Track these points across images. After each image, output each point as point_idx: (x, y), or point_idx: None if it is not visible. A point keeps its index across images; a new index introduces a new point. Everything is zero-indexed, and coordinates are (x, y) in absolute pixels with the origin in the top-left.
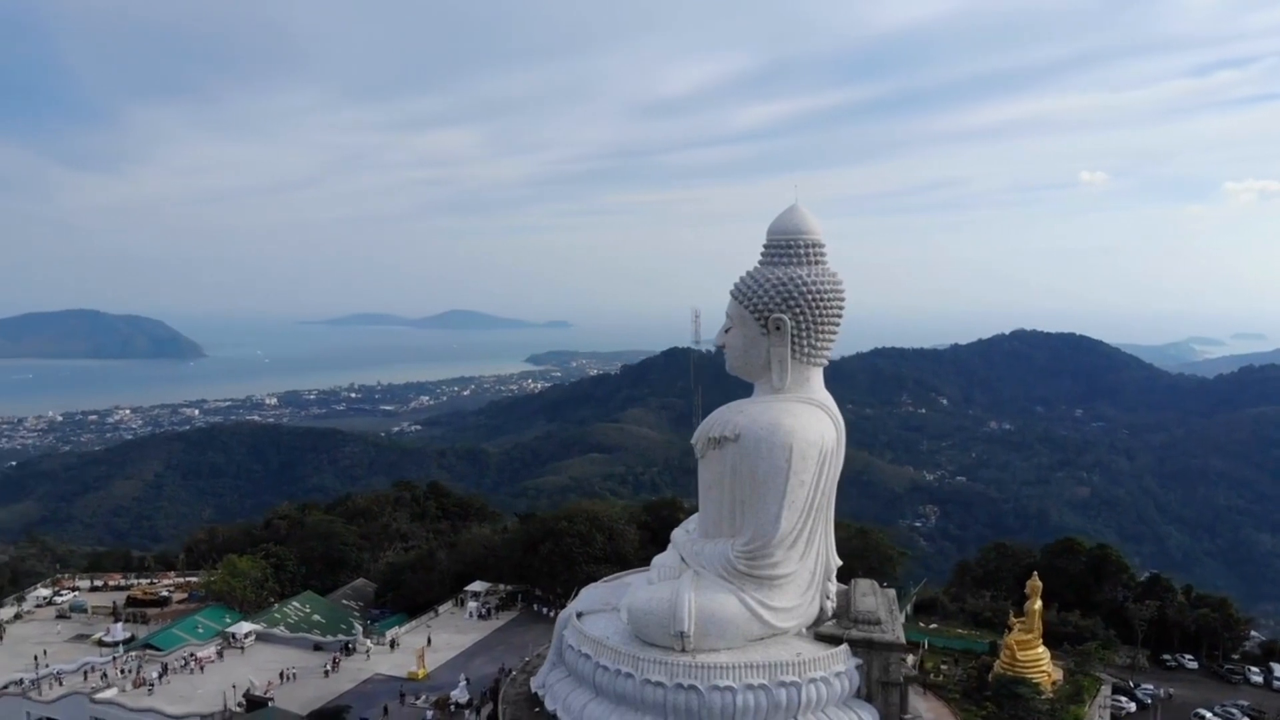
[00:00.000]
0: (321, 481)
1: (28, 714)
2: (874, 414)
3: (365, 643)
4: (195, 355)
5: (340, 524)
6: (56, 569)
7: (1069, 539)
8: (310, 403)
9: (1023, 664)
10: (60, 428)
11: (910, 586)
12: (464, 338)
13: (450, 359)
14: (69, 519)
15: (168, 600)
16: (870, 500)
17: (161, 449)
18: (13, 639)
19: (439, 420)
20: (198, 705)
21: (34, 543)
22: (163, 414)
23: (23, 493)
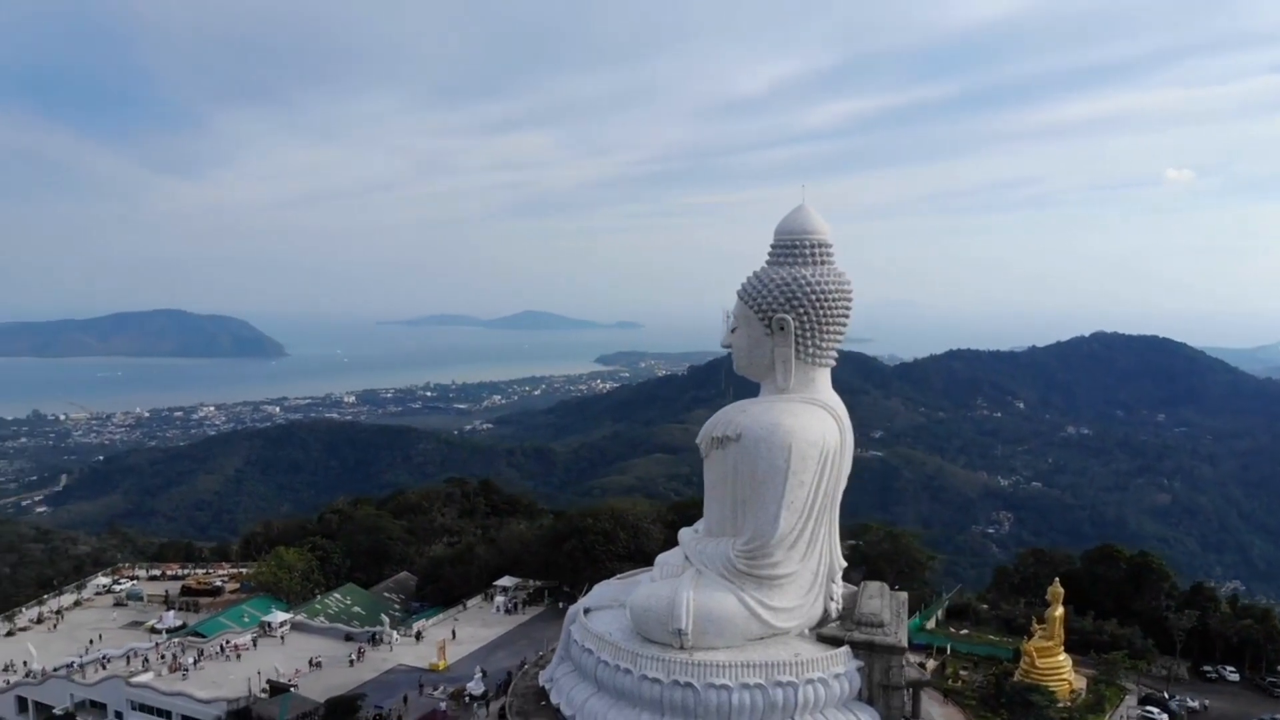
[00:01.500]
0: (395, 478)
1: (71, 695)
2: (947, 418)
3: (391, 634)
4: (278, 354)
5: (387, 519)
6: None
7: (1108, 545)
8: (387, 401)
9: (1042, 671)
10: (147, 424)
11: (944, 591)
12: (536, 338)
13: (522, 359)
14: (152, 512)
15: (220, 590)
16: (942, 506)
17: (242, 445)
18: (70, 624)
19: (509, 419)
20: (227, 690)
21: (115, 534)
22: (245, 411)
23: (109, 486)
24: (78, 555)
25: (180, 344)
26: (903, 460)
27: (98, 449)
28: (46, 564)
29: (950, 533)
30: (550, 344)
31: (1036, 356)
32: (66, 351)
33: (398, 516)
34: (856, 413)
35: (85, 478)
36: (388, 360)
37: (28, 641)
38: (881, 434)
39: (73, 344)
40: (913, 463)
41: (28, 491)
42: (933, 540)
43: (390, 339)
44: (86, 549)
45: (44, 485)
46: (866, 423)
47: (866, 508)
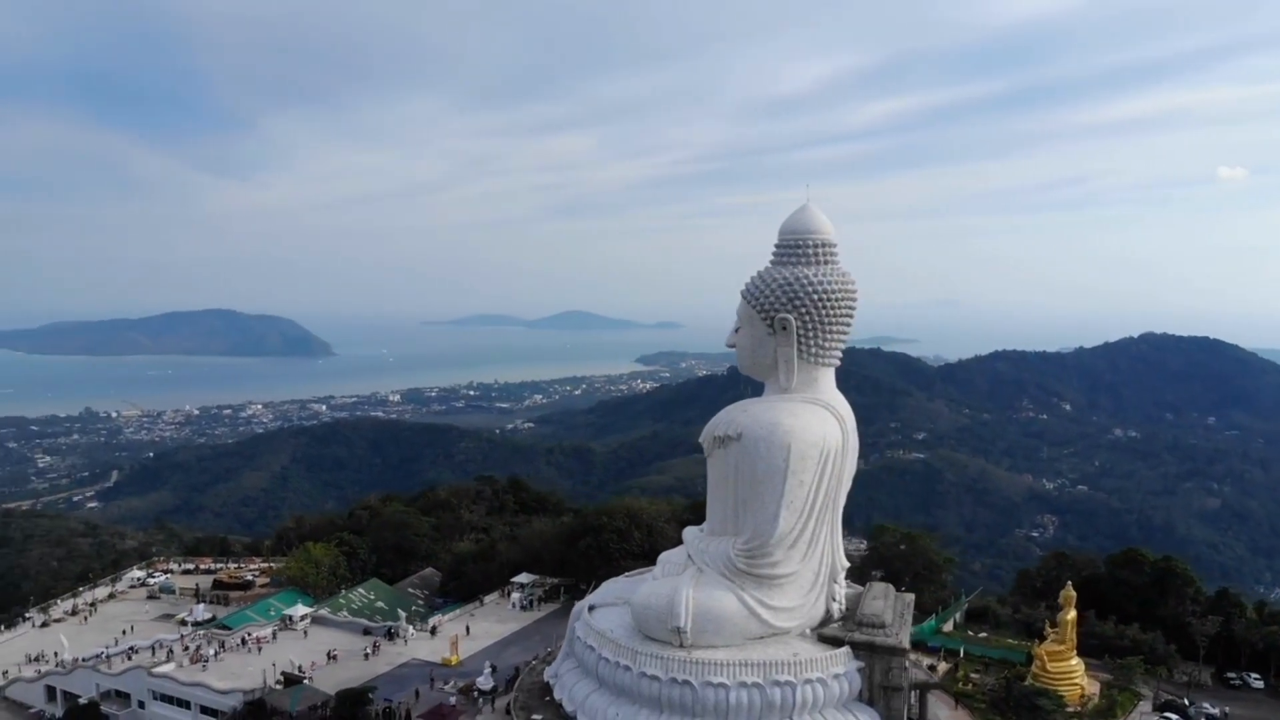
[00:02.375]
0: (437, 476)
1: (97, 685)
2: (992, 419)
3: (407, 629)
4: (325, 354)
5: (414, 515)
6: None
7: (1132, 550)
8: (431, 400)
9: (1053, 675)
10: (196, 421)
11: (965, 594)
12: (577, 338)
13: (563, 359)
14: (200, 508)
15: (251, 584)
16: (985, 509)
17: (289, 442)
18: (104, 616)
19: (550, 418)
20: (244, 682)
21: (162, 529)
22: (292, 409)
23: (159, 483)
24: (124, 550)
25: (230, 343)
26: (945, 463)
27: (148, 446)
28: (93, 558)
29: (993, 536)
30: (591, 344)
31: (1084, 358)
32: (119, 350)
33: (427, 513)
34: (899, 414)
35: (135, 474)
36: (432, 360)
37: (60, 633)
38: (924, 436)
39: (125, 343)
40: (956, 465)
41: (79, 487)
42: (975, 544)
43: (435, 339)
44: (133, 544)
45: (95, 481)
46: (909, 424)
47: (908, 510)
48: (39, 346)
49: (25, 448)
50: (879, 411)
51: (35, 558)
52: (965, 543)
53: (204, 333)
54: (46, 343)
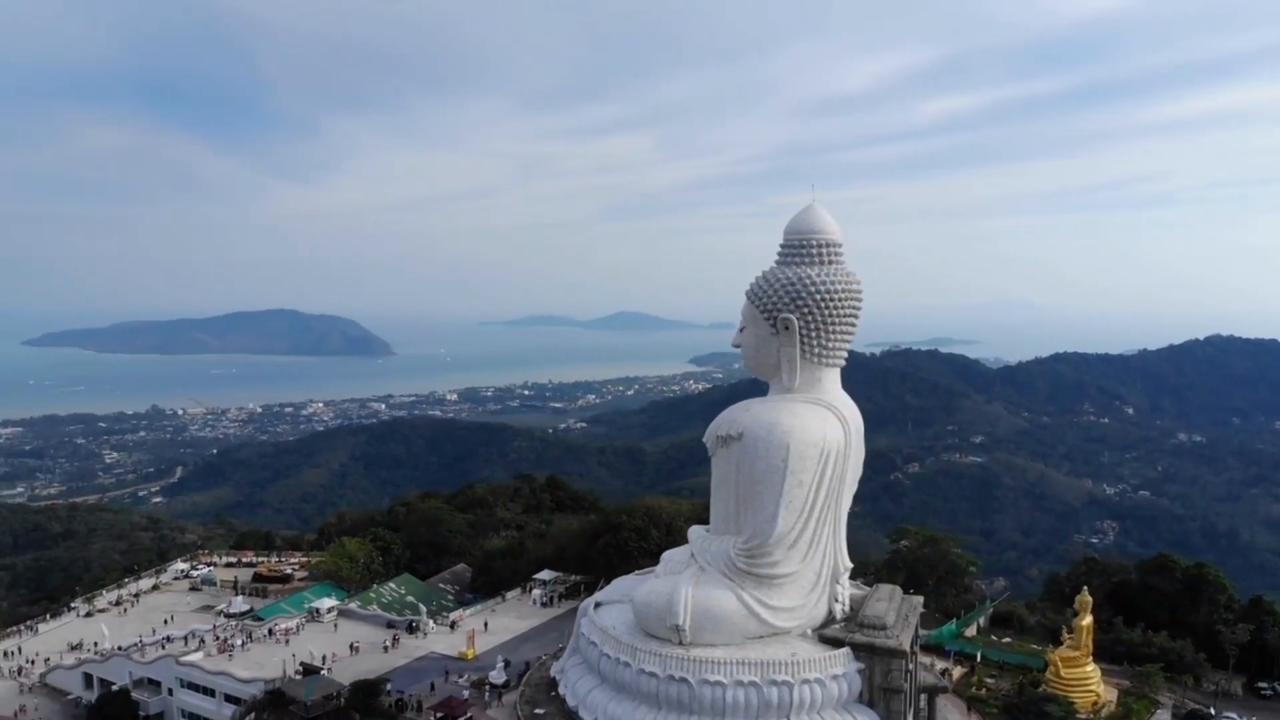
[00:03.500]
0: (491, 474)
1: (130, 673)
2: (1052, 423)
3: (427, 623)
4: (384, 353)
5: (447, 512)
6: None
7: (1163, 556)
8: (487, 399)
9: (1067, 681)
10: (259, 419)
11: (990, 598)
12: (631, 338)
13: (617, 359)
14: (261, 504)
15: (290, 578)
16: (1043, 514)
17: (348, 440)
18: (146, 607)
19: (602, 418)
20: (266, 671)
21: (221, 524)
22: (352, 408)
23: (221, 479)
24: (183, 544)
25: (293, 343)
26: (1003, 466)
27: (212, 443)
28: (153, 551)
29: (1051, 542)
30: (645, 344)
31: (1147, 360)
32: (185, 349)
33: (465, 510)
34: (956, 417)
35: (199, 470)
36: (488, 359)
37: (101, 622)
38: (982, 439)
39: (191, 342)
40: (1014, 469)
41: (145, 483)
42: (1033, 550)
43: (491, 339)
44: (193, 538)
45: (160, 477)
46: (967, 427)
47: (964, 515)
48: (108, 345)
49: (94, 444)
50: (936, 414)
51: (97, 550)
52: (1022, 548)
53: (267, 332)
54: (115, 342)
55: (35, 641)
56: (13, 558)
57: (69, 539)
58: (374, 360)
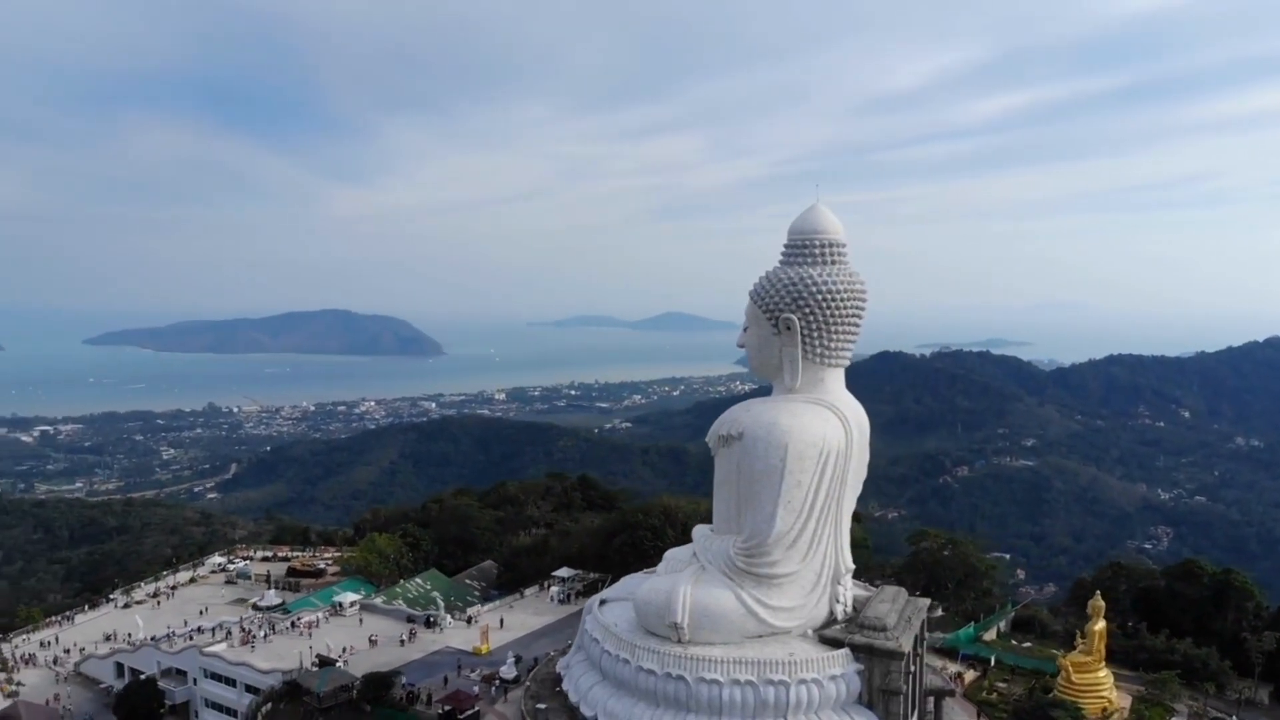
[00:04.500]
0: (536, 473)
1: (158, 663)
2: (1105, 426)
3: (445, 618)
4: (435, 353)
5: (476, 509)
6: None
7: (1191, 561)
8: (534, 399)
9: (1078, 687)
10: (312, 417)
11: (1010, 602)
12: (678, 339)
13: (663, 360)
14: (312, 500)
15: (323, 572)
16: (1095, 519)
17: (398, 438)
18: (182, 599)
19: (647, 419)
20: (286, 663)
21: (271, 520)
22: (403, 406)
23: (274, 475)
24: (233, 539)
25: (346, 342)
26: (1054, 470)
27: (266, 440)
28: (205, 546)
29: (1103, 547)
30: (692, 345)
31: (1205, 362)
32: (241, 348)
33: (496, 508)
34: (1007, 420)
35: (253, 467)
36: (536, 359)
37: (136, 614)
38: (1033, 442)
39: (247, 341)
40: (1065, 473)
41: (200, 479)
42: (1084, 555)
43: (540, 339)
44: (243, 533)
45: (215, 473)
46: (1018, 430)
47: (1013, 519)
48: (166, 344)
49: (151, 440)
50: (986, 417)
51: (150, 545)
52: (1073, 554)
53: (321, 332)
54: (173, 340)
55: (73, 632)
56: (68, 551)
57: (123, 533)
58: (425, 360)
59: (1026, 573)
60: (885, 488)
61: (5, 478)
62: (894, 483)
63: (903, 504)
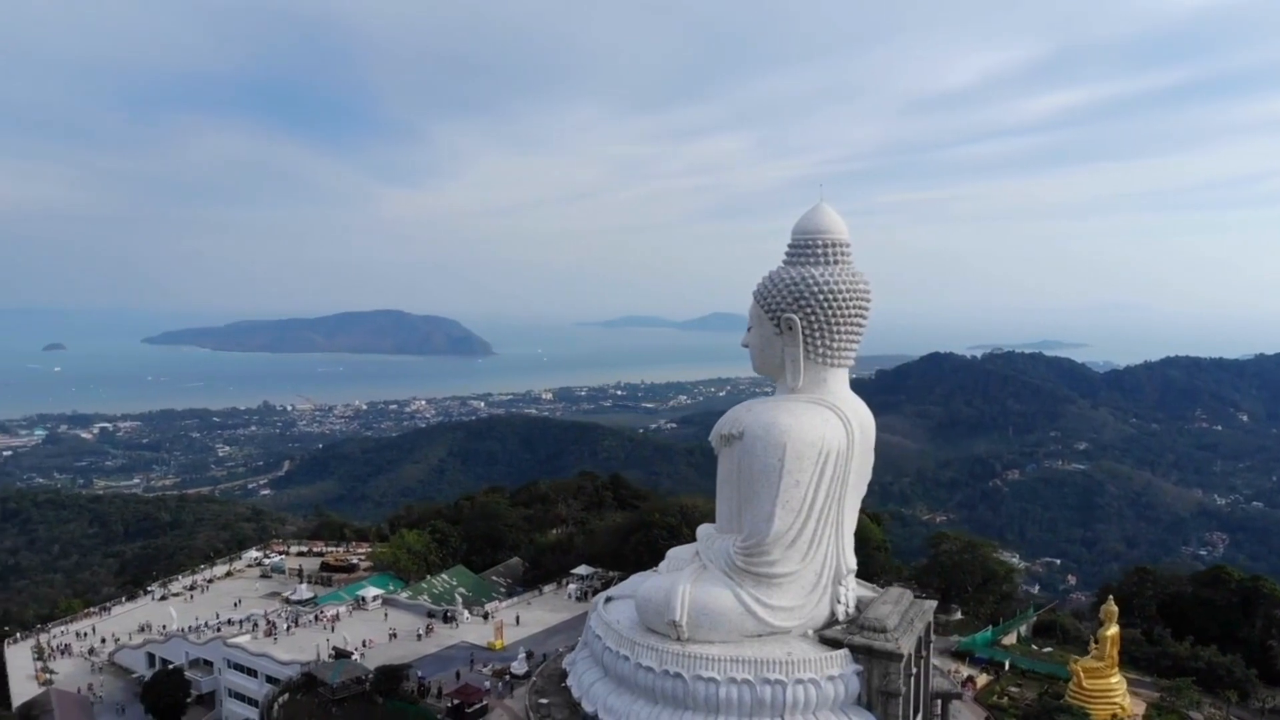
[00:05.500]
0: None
1: (186, 653)
2: (1161, 429)
3: (462, 613)
4: (485, 353)
5: (505, 506)
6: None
7: (1219, 568)
8: (581, 399)
9: (1089, 693)
10: (364, 415)
11: (1032, 607)
12: (725, 339)
13: (710, 360)
14: (362, 497)
15: (355, 567)
16: (1148, 524)
17: (446, 436)
18: (217, 592)
19: (693, 419)
20: (306, 654)
21: (320, 516)
22: (453, 405)
23: (326, 472)
24: (282, 534)
25: (398, 342)
26: (1108, 474)
27: (319, 438)
28: (246, 540)
29: (1157, 553)
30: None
31: (1265, 365)
32: (296, 348)
33: (527, 506)
34: (1059, 423)
35: (305, 464)
36: (584, 360)
37: (170, 606)
38: (1086, 446)
39: (301, 341)
40: (1119, 477)
41: (254, 476)
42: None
43: (587, 339)
44: (292, 529)
45: (269, 470)
46: (1070, 434)
47: (1064, 524)
48: (223, 344)
49: (207, 438)
50: (1038, 419)
51: (202, 540)
52: (1125, 559)
53: (374, 332)
54: (230, 340)
55: (110, 623)
56: (123, 545)
57: (176, 528)
58: (475, 359)
59: (1078, 578)
60: (934, 491)
61: (65, 473)
62: (943, 486)
63: (951, 508)
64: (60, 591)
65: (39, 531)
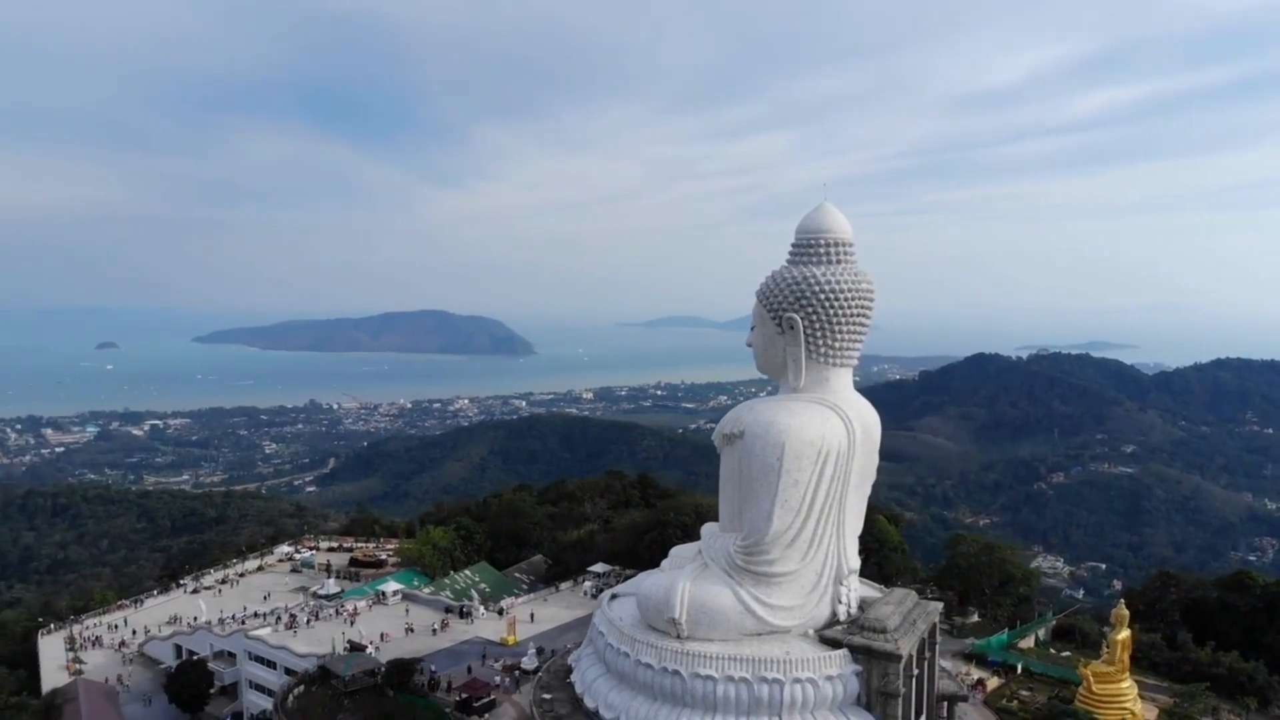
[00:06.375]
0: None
1: (210, 645)
2: (1211, 432)
3: (478, 609)
4: (527, 352)
5: (530, 504)
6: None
7: (1242, 573)
8: (621, 398)
9: (1099, 697)
10: (409, 414)
11: (1051, 611)
12: None
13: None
14: (405, 495)
15: (384, 563)
16: (1197, 529)
17: (488, 435)
18: (247, 586)
19: None
20: (324, 648)
21: (362, 513)
22: (495, 404)
23: (370, 470)
24: (324, 531)
25: (442, 342)
26: (1155, 478)
27: (364, 436)
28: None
29: (1205, 558)
30: None
31: None
32: (342, 347)
33: (554, 504)
34: (1106, 425)
35: (350, 462)
36: (624, 360)
37: (200, 599)
38: (1134, 449)
39: (347, 340)
40: (1167, 481)
41: (300, 473)
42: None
43: (628, 339)
44: (335, 525)
45: (314, 467)
46: (1117, 436)
47: (1110, 528)
48: (272, 343)
49: (255, 435)
50: (1084, 422)
51: (246, 536)
52: (1173, 565)
53: (418, 331)
54: (278, 339)
55: (141, 615)
56: (169, 540)
57: (221, 524)
58: (517, 359)
59: (1123, 583)
60: (977, 494)
61: (116, 470)
62: (986, 489)
63: (995, 511)
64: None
65: (88, 526)
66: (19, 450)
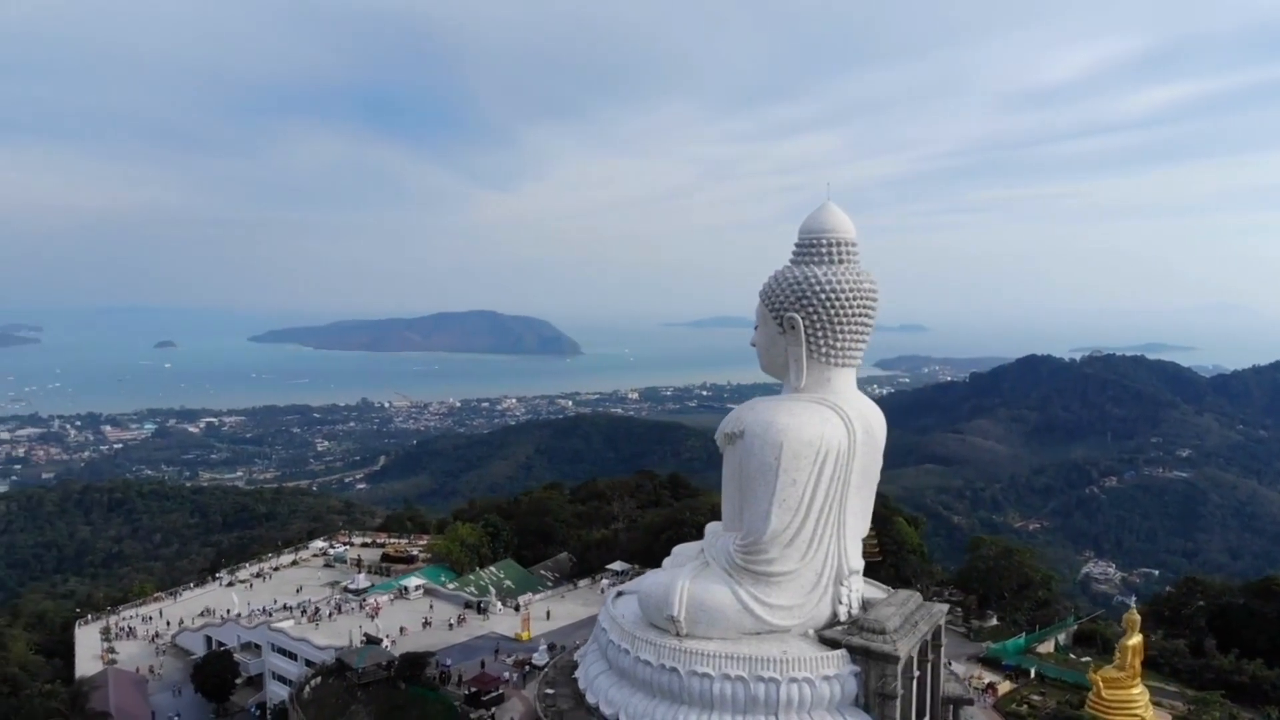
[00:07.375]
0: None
1: (238, 636)
2: (1269, 436)
3: (495, 605)
4: (574, 352)
5: (556, 503)
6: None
7: (1271, 578)
8: (666, 399)
9: (1109, 704)
10: (458, 413)
11: (1073, 616)
12: None
13: None
14: (453, 493)
15: (415, 558)
16: (1254, 535)
17: (534, 434)
18: (281, 580)
19: None
20: (344, 640)
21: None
22: (542, 404)
23: (419, 468)
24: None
25: (491, 342)
26: (1211, 483)
27: (413, 434)
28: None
29: (1261, 566)
30: None
31: None
32: (393, 347)
33: (584, 503)
34: (1161, 428)
35: (400, 459)
36: (670, 360)
37: (234, 592)
38: (1189, 453)
39: (399, 340)
40: (1223, 486)
41: (350, 470)
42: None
43: (675, 339)
44: (379, 521)
45: (365, 464)
46: (1172, 440)
47: (1164, 534)
48: (325, 342)
49: (307, 433)
50: (1139, 425)
51: (294, 531)
52: (1228, 572)
53: (468, 332)
54: (331, 339)
55: (176, 607)
56: (221, 535)
57: (271, 520)
58: (564, 359)
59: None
60: (1027, 498)
61: (172, 466)
62: (1037, 493)
63: (1045, 515)
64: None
65: (142, 521)
66: (78, 446)
